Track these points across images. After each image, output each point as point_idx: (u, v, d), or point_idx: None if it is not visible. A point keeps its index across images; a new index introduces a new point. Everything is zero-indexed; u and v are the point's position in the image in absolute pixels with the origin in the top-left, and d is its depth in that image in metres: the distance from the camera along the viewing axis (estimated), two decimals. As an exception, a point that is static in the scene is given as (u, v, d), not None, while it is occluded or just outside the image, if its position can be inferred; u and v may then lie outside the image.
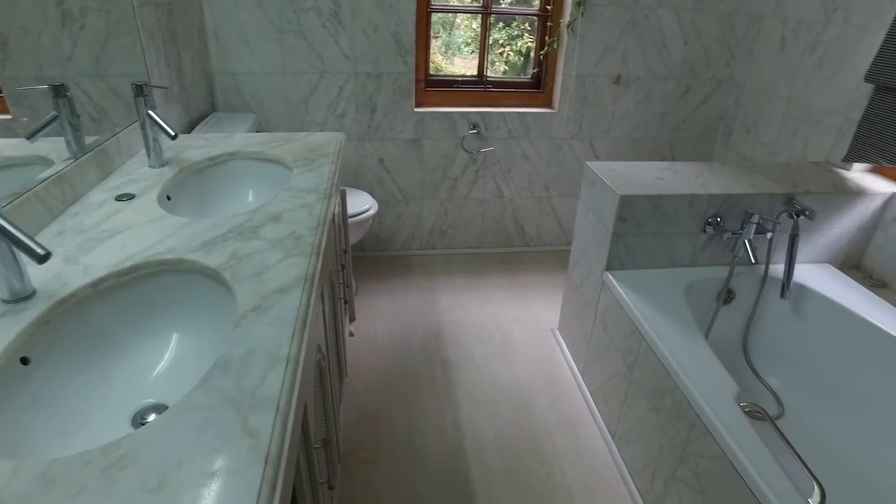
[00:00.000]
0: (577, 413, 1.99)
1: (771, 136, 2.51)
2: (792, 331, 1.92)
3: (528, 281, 2.75)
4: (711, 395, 1.36)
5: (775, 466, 1.18)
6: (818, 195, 1.90)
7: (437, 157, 2.71)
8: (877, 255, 2.02)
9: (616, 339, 1.81)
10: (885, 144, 1.91)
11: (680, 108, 2.80)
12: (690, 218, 1.83)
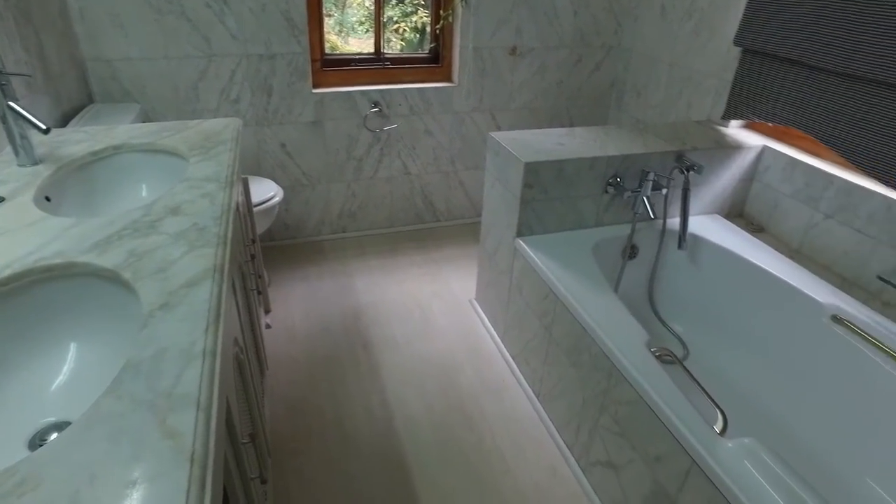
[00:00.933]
0: (501, 378, 2.05)
1: (658, 98, 2.66)
2: (690, 278, 2.06)
3: (441, 256, 2.77)
4: (624, 344, 1.44)
5: (684, 401, 1.27)
6: (704, 151, 2.04)
7: (340, 138, 2.66)
8: (755, 203, 2.21)
9: (532, 303, 1.87)
10: (756, 102, 2.08)
11: (574, 76, 2.89)
12: (592, 180, 1.91)
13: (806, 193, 2.00)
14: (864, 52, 1.65)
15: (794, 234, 2.05)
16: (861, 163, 1.74)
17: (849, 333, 1.64)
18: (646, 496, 1.39)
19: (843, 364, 1.64)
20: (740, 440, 1.17)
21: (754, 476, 1.12)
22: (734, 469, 1.13)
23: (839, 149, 1.80)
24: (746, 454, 1.15)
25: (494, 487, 1.65)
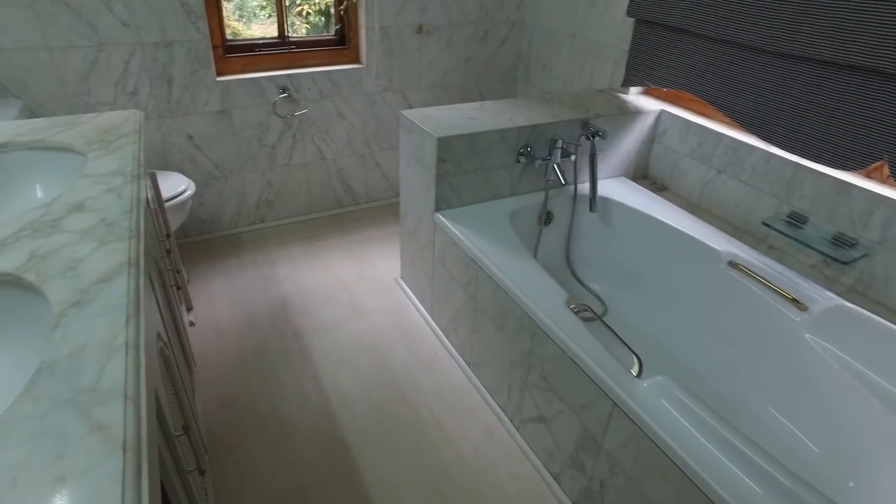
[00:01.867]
0: (432, 351, 2.09)
1: (562, 70, 2.76)
2: (603, 239, 2.18)
3: (364, 238, 2.77)
4: (545, 305, 1.52)
5: (603, 351, 1.36)
6: (607, 117, 2.15)
7: (251, 126, 2.58)
8: (657, 164, 2.36)
9: (456, 274, 1.92)
10: (650, 69, 2.21)
11: (481, 52, 2.94)
12: (504, 151, 1.98)
13: (700, 152, 2.15)
14: (738, 21, 1.79)
15: (693, 191, 2.21)
16: (743, 121, 1.90)
17: (743, 276, 1.80)
18: (576, 443, 1.48)
19: (740, 304, 1.80)
20: (654, 379, 1.28)
21: (668, 410, 1.22)
22: (650, 406, 1.23)
23: (724, 109, 1.95)
24: (660, 391, 1.25)
25: (435, 456, 1.71)
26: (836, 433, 1.54)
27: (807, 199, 1.83)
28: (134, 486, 0.62)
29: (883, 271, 1.66)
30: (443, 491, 1.61)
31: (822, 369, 1.59)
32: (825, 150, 1.70)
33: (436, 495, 1.60)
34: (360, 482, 1.62)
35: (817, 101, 1.68)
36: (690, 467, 1.12)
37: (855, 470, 1.47)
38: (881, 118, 1.55)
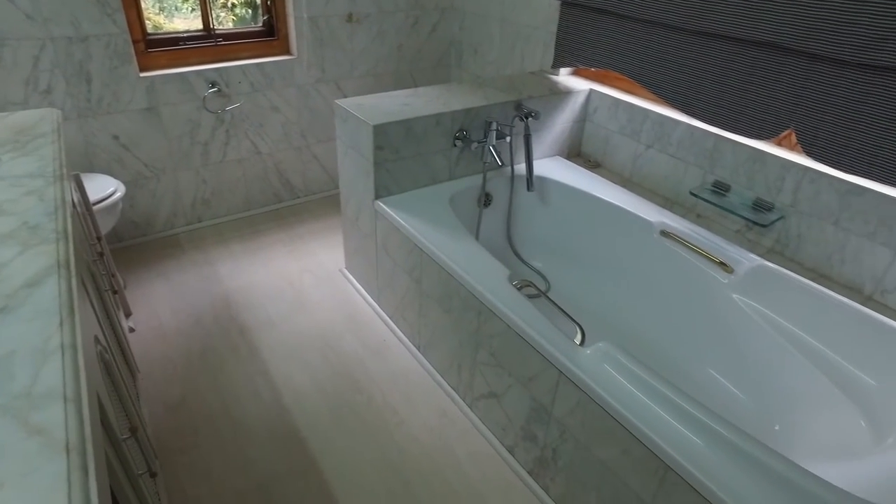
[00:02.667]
0: (381, 339, 2.11)
1: (494, 54, 2.80)
2: (542, 217, 2.24)
3: (306, 231, 2.74)
4: (489, 283, 1.56)
5: (546, 322, 1.41)
6: (539, 98, 2.20)
7: (180, 123, 2.50)
8: (589, 142, 2.43)
9: (399, 260, 1.93)
10: (578, 50, 2.27)
11: (413, 39, 2.94)
12: (440, 135, 2.00)
13: (629, 128, 2.24)
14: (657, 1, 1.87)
15: (625, 166, 2.30)
16: (667, 97, 1.99)
17: (675, 244, 1.89)
18: (527, 414, 1.53)
19: (674, 270, 1.89)
20: (596, 346, 1.34)
21: (611, 374, 1.28)
22: (593, 371, 1.29)
23: (649, 86, 2.04)
24: (602, 357, 1.31)
25: (391, 440, 1.73)
26: (762, 383, 1.65)
27: (728, 168, 1.93)
28: (81, 486, 0.61)
29: (796, 231, 1.79)
30: (401, 473, 1.63)
31: (748, 326, 1.70)
32: (741, 122, 1.80)
33: (394, 478, 1.62)
34: (318, 472, 1.63)
35: (732, 75, 1.78)
36: (634, 425, 1.18)
37: (779, 415, 1.58)
38: (787, 90, 1.66)
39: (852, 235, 1.67)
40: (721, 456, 1.10)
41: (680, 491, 1.13)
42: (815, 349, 1.56)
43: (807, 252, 1.78)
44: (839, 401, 1.48)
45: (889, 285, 1.62)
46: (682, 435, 1.15)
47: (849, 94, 1.54)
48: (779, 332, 1.63)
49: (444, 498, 1.57)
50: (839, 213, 1.68)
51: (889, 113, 1.48)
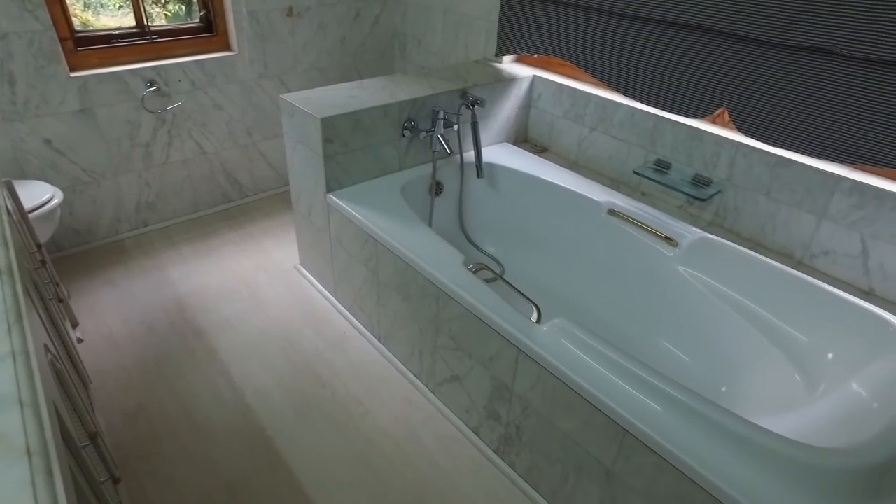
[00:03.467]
0: (341, 332, 2.11)
1: (438, 44, 2.81)
2: (493, 202, 2.28)
3: (258, 230, 2.71)
4: (444, 268, 1.58)
5: (503, 303, 1.45)
6: (484, 86, 2.23)
7: (119, 124, 2.42)
8: (535, 127, 2.49)
9: (354, 252, 1.94)
10: (520, 37, 2.31)
11: (356, 31, 2.93)
12: (388, 126, 2.00)
13: (573, 112, 2.30)
14: (593, -17, 1.92)
15: (571, 149, 2.36)
16: (608, 80, 2.05)
17: (622, 222, 1.96)
18: (489, 394, 1.57)
19: (622, 247, 1.96)
20: (551, 322, 1.38)
21: (567, 347, 1.33)
22: (551, 346, 1.33)
23: (590, 70, 2.10)
24: (559, 332, 1.36)
25: (357, 430, 1.74)
26: (709, 348, 1.74)
27: (668, 146, 2.01)
28: (47, 487, 0.61)
29: (733, 204, 1.88)
30: (369, 461, 1.65)
31: (693, 295, 1.79)
32: (678, 102, 1.88)
33: (362, 466, 1.63)
34: (286, 468, 1.62)
35: (667, 58, 1.85)
36: (592, 395, 1.23)
37: (726, 377, 1.67)
38: (718, 71, 1.74)
39: (782, 205, 1.77)
40: (674, 416, 1.17)
41: (639, 453, 1.19)
42: (754, 312, 1.66)
43: (743, 223, 1.88)
44: (777, 358, 1.58)
45: (816, 250, 1.73)
46: (636, 400, 1.21)
47: (773, 72, 1.63)
48: (721, 299, 1.72)
49: (413, 483, 1.60)
50: (770, 184, 1.78)
51: (808, 90, 1.57)
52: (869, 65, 1.46)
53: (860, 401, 1.30)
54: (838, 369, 1.45)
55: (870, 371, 1.36)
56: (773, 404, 1.48)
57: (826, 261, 1.73)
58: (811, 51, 1.54)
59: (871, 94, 1.47)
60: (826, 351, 1.50)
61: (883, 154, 1.50)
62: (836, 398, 1.36)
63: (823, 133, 1.59)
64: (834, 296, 1.54)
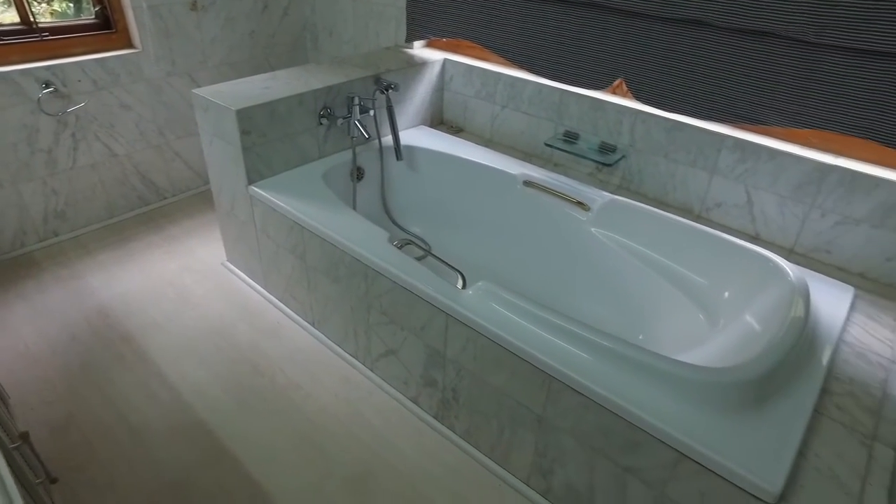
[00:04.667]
0: (275, 322, 2.12)
1: (349, 34, 2.83)
2: (415, 184, 2.34)
3: (180, 231, 2.65)
4: (370, 246, 1.63)
5: (428, 272, 1.52)
6: (397, 71, 2.28)
7: (13, 129, 2.29)
8: (449, 108, 2.56)
9: (281, 241, 1.95)
10: (428, 22, 2.38)
11: (265, 24, 2.90)
12: (305, 115, 2.02)
13: (484, 92, 2.39)
14: (492, -35, 2.01)
15: (485, 127, 2.45)
16: (514, 59, 2.15)
17: (537, 192, 2.07)
18: (424, 362, 1.64)
19: (539, 215, 2.07)
20: (476, 285, 1.46)
21: (492, 307, 1.41)
22: (476, 307, 1.41)
23: (497, 50, 2.19)
24: (483, 294, 1.44)
25: (299, 414, 1.76)
26: (624, 300, 1.88)
27: (574, 118, 2.14)
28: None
29: (637, 167, 2.03)
30: (314, 441, 1.68)
31: (607, 253, 1.92)
32: (579, 75, 2.01)
33: (308, 446, 1.66)
34: (231, 457, 1.63)
35: (567, 34, 1.97)
36: (517, 347, 1.32)
37: (641, 325, 1.82)
38: (614, 44, 1.87)
39: (679, 165, 1.93)
40: (592, 357, 1.27)
41: (565, 396, 1.29)
42: (661, 264, 1.81)
43: (647, 184, 2.03)
44: (683, 302, 1.73)
45: (710, 203, 1.91)
46: (558, 347, 1.31)
47: (661, 44, 1.77)
48: (632, 255, 1.87)
49: (359, 456, 1.64)
50: (667, 147, 1.94)
51: (691, 59, 1.73)
52: (739, 34, 1.62)
53: (751, 328, 1.46)
54: (734, 305, 1.61)
55: (757, 302, 1.53)
56: (683, 343, 1.63)
57: (720, 212, 1.91)
58: (691, 23, 1.69)
59: (742, 61, 1.64)
60: (723, 290, 1.67)
61: (756, 113, 1.67)
62: (733, 330, 1.52)
63: (707, 97, 1.75)
64: (727, 242, 1.70)
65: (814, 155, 1.70)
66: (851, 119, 1.54)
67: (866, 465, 1.13)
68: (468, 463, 1.64)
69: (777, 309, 1.44)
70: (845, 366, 1.36)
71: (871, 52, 1.44)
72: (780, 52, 1.57)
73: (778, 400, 1.21)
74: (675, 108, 1.84)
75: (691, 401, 1.18)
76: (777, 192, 1.77)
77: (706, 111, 1.78)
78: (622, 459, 1.26)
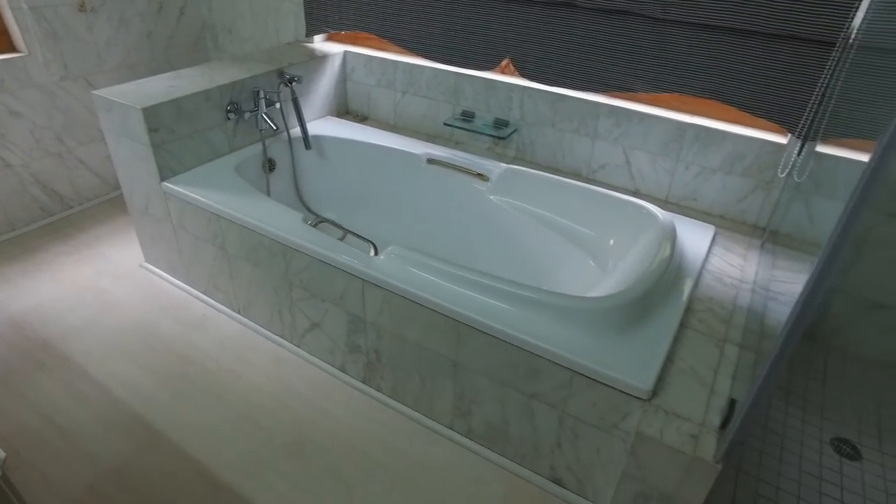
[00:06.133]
0: (201, 314, 2.17)
1: (249, 32, 2.88)
2: (326, 171, 2.44)
3: (91, 238, 2.61)
4: (286, 226, 1.73)
5: (341, 244, 1.64)
6: (299, 65, 2.37)
7: None
8: (354, 98, 2.68)
9: (200, 233, 2.01)
10: (326, 16, 2.48)
11: (161, 24, 2.89)
12: (212, 110, 2.08)
13: (385, 80, 2.52)
14: (380, -41, 2.14)
15: (388, 114, 2.59)
16: (410, 46, 2.29)
17: (441, 168, 2.23)
18: (347, 329, 1.76)
19: (444, 189, 2.24)
20: (386, 250, 1.60)
21: (403, 267, 1.55)
22: (389, 270, 1.55)
23: (393, 39, 2.33)
24: (394, 257, 1.58)
25: (233, 394, 1.84)
26: (526, 258, 2.08)
27: (469, 98, 2.31)
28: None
29: (529, 139, 2.23)
30: (250, 417, 1.76)
31: (507, 218, 2.11)
32: (470, 58, 2.18)
33: (245, 422, 1.75)
34: (169, 441, 1.69)
35: (456, 20, 2.13)
36: (427, 300, 1.47)
37: (542, 278, 2.02)
38: (499, 27, 2.05)
39: (566, 133, 2.15)
40: (493, 300, 1.44)
41: (473, 338, 1.46)
42: (555, 222, 2.02)
43: (539, 153, 2.24)
44: (576, 254, 1.95)
45: (595, 165, 2.14)
46: (461, 295, 1.47)
47: (539, 25, 1.97)
48: (529, 216, 2.06)
49: (295, 426, 1.75)
50: (553, 118, 2.15)
51: (566, 37, 1.93)
52: (603, 14, 1.84)
53: (632, 267, 1.68)
54: (618, 250, 1.84)
55: (636, 245, 1.75)
56: (579, 288, 1.84)
57: (604, 173, 2.14)
58: (562, 6, 1.89)
59: (608, 37, 1.86)
60: (609, 239, 1.89)
61: (624, 82, 1.90)
62: (619, 271, 1.74)
63: (583, 70, 1.97)
64: (610, 196, 1.93)
65: (674, 115, 1.95)
66: (699, 83, 1.79)
67: (718, 361, 1.37)
68: (397, 418, 1.78)
69: (651, 248, 1.66)
70: (706, 288, 1.61)
71: (706, 26, 1.69)
72: (637, 27, 1.81)
73: (651, 320, 1.43)
74: (556, 82, 2.05)
75: (578, 327, 1.37)
76: (648, 151, 2.01)
77: (583, 83, 2.00)
78: (527, 387, 1.44)
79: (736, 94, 1.75)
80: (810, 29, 1.55)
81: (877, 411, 1.77)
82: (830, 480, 1.54)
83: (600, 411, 1.34)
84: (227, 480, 1.59)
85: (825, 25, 1.52)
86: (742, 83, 1.73)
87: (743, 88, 1.73)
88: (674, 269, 1.60)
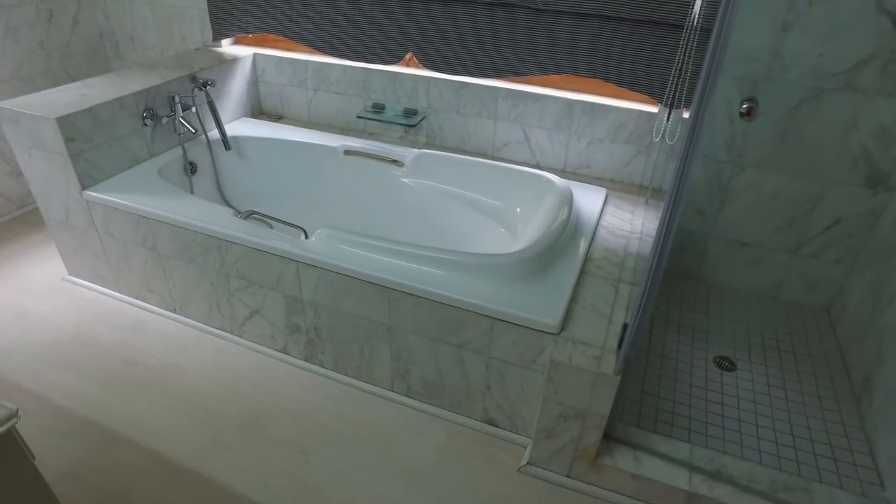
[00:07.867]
0: (136, 318, 2.20)
1: (152, 39, 2.88)
2: (247, 171, 2.53)
3: (2, 258, 2.56)
4: (218, 221, 1.83)
5: (273, 232, 1.77)
6: (210, 69, 2.43)
7: None
8: (267, 99, 2.77)
9: (128, 237, 2.05)
10: (231, 20, 2.55)
11: (54, 34, 2.83)
12: (128, 117, 2.12)
13: (296, 79, 2.63)
14: (281, -37, 2.25)
15: (302, 111, 2.70)
16: (317, 45, 2.42)
17: (357, 158, 2.38)
18: (286, 311, 1.88)
19: (362, 178, 2.39)
20: (316, 232, 1.74)
21: (334, 245, 1.70)
22: (320, 249, 1.69)
23: (300, 39, 2.44)
24: (324, 238, 1.72)
25: (181, 387, 1.91)
26: (444, 234, 2.27)
27: (379, 91, 2.47)
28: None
29: (437, 125, 2.42)
30: (201, 405, 1.85)
31: (422, 198, 2.29)
32: (376, 53, 2.34)
33: (197, 410, 1.83)
34: (123, 437, 1.75)
35: (359, 18, 2.28)
36: (357, 272, 1.63)
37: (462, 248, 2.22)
38: (400, 22, 2.22)
39: (469, 117, 2.35)
40: (415, 265, 1.62)
41: (402, 302, 1.63)
42: (467, 198, 2.22)
43: (448, 137, 2.43)
44: (489, 224, 2.17)
45: (499, 144, 2.36)
46: (387, 263, 1.64)
47: (437, 19, 2.15)
48: (444, 195, 2.26)
49: (246, 407, 1.85)
50: (457, 104, 2.35)
51: (462, 28, 2.13)
52: (489, 7, 2.05)
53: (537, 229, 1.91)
54: (524, 216, 2.07)
55: (540, 210, 1.99)
56: (492, 254, 2.05)
57: (508, 150, 2.36)
58: (456, 0, 2.09)
59: (498, 27, 2.08)
60: (516, 207, 2.12)
61: (517, 67, 2.13)
62: (526, 234, 1.96)
63: (479, 58, 2.18)
64: (513, 170, 2.15)
65: (563, 94, 2.20)
66: (581, 64, 2.04)
67: (614, 297, 1.62)
68: (342, 389, 1.92)
69: (552, 211, 1.90)
70: (601, 241, 1.86)
71: (581, 14, 1.94)
72: (522, 18, 2.03)
73: (555, 269, 1.66)
74: (456, 71, 2.25)
75: (493, 281, 1.58)
76: (544, 127, 2.25)
77: (480, 70, 2.21)
78: (455, 339, 1.63)
79: (612, 71, 2.02)
80: (664, 14, 1.83)
81: (747, 331, 2.10)
82: (713, 389, 1.84)
83: (519, 350, 1.55)
84: (186, 464, 1.68)
85: (674, 11, 1.81)
86: (616, 62, 2.00)
87: (617, 67, 2.00)
88: (572, 226, 1.84)
